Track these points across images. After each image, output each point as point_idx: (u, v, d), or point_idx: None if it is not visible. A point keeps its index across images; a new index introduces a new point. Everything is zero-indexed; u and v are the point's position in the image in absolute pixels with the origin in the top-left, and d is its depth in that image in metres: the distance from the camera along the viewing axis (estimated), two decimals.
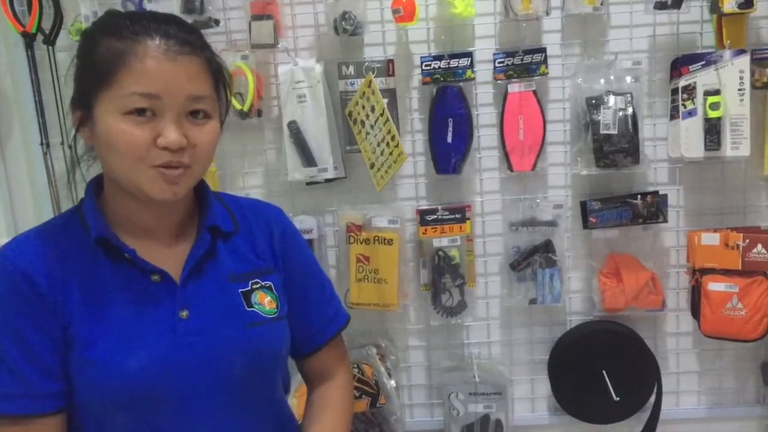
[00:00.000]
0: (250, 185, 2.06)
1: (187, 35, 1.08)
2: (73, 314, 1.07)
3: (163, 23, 1.06)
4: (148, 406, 1.07)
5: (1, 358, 1.04)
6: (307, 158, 1.95)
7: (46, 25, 1.95)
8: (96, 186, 1.17)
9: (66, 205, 2.00)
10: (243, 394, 1.15)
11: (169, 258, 1.14)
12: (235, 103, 1.91)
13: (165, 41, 1.04)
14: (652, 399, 2.03)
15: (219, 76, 1.14)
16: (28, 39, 1.95)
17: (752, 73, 1.86)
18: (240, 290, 1.18)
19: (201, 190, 1.23)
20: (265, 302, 1.19)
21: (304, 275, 1.31)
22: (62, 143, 1.98)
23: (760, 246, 1.84)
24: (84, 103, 1.08)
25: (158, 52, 1.03)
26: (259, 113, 1.96)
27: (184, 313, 1.11)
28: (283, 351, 1.23)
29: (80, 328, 1.07)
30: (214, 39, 1.97)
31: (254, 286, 1.20)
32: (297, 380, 1.45)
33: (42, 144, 2.00)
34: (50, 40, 1.95)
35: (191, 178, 1.10)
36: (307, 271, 1.33)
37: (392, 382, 2.02)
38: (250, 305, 1.17)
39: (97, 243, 1.10)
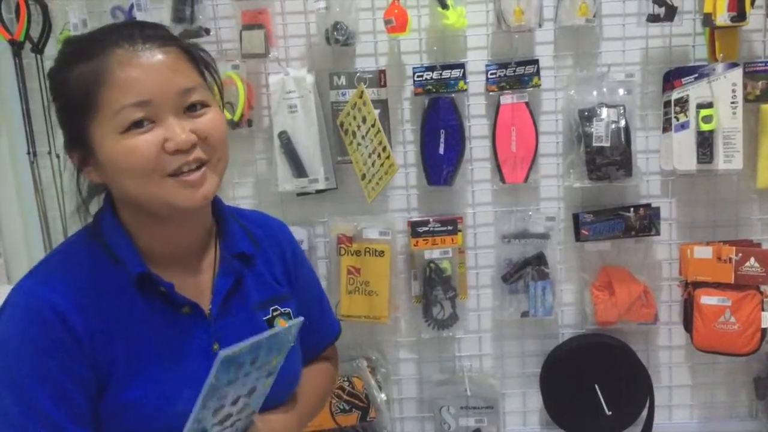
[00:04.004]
0: (240, 196, 2.04)
1: (153, 30, 1.02)
2: (110, 355, 1.01)
3: (123, 28, 1.01)
4: None
5: (32, 405, 0.96)
6: (298, 169, 1.93)
7: (35, 33, 1.92)
8: (113, 209, 1.09)
9: (53, 216, 1.99)
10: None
11: (195, 286, 1.10)
12: (226, 113, 1.89)
13: (132, 44, 0.98)
14: (645, 413, 2.01)
15: (202, 63, 1.08)
16: (16, 47, 1.93)
17: (745, 86, 1.86)
18: (264, 318, 1.15)
19: (216, 204, 1.17)
20: None
21: (308, 291, 1.29)
22: (49, 152, 1.95)
23: (753, 260, 1.83)
24: (79, 141, 1.02)
25: (131, 56, 0.97)
26: (250, 123, 1.95)
27: (216, 347, 1.07)
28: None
29: (117, 369, 1.01)
30: (205, 48, 1.95)
31: (275, 314, 1.17)
32: None
33: (29, 153, 1.97)
34: (38, 49, 1.93)
35: (214, 172, 1.03)
36: (312, 288, 1.32)
37: (383, 396, 2.01)
38: None
39: (139, 279, 1.03)
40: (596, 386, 1.98)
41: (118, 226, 1.07)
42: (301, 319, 1.03)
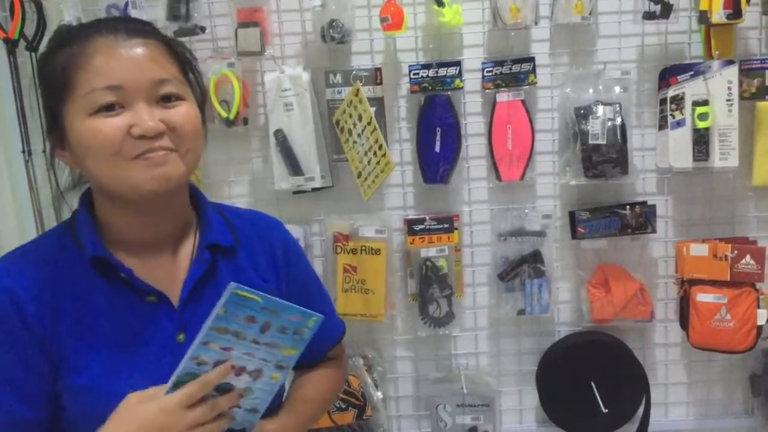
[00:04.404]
0: (236, 194, 2.04)
1: (137, 25, 1.06)
2: (63, 341, 1.02)
3: (110, 21, 1.05)
4: None
5: None
6: (294, 167, 1.93)
7: (29, 31, 1.91)
8: (87, 202, 1.12)
9: (48, 214, 1.98)
10: None
11: (167, 277, 1.10)
12: (221, 111, 1.89)
13: (114, 34, 1.02)
14: (641, 410, 2.01)
15: (184, 61, 1.10)
16: (11, 45, 1.92)
17: (740, 84, 1.86)
18: None
19: (197, 199, 1.18)
20: None
21: (306, 291, 1.27)
22: (44, 151, 1.94)
23: (748, 257, 1.83)
24: (54, 122, 1.05)
25: (111, 43, 1.01)
26: (245, 121, 1.94)
27: (181, 337, 1.07)
28: None
29: (69, 354, 1.02)
30: (200, 46, 1.96)
31: None
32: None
33: (23, 152, 1.96)
34: (33, 47, 1.92)
35: (180, 162, 1.03)
36: (309, 285, 1.31)
37: (379, 394, 2.00)
38: None
39: (93, 263, 1.05)
40: (592, 384, 1.98)
41: (89, 216, 1.09)
42: (322, 316, 1.03)
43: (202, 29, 1.90)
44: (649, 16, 1.84)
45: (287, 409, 1.19)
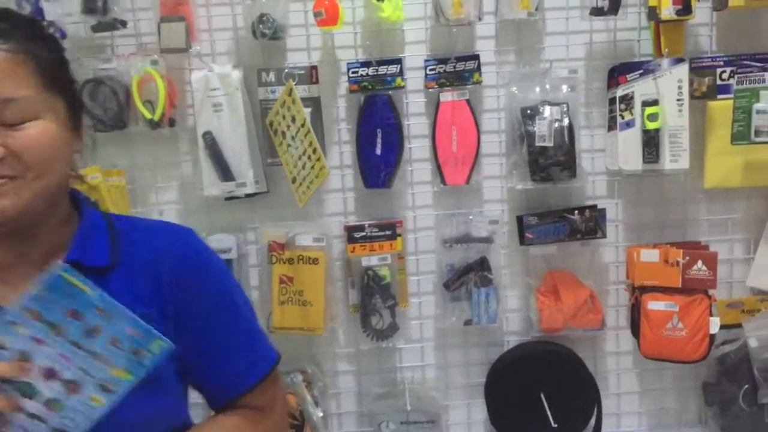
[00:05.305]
0: (164, 200, 1.91)
1: None
2: None
3: None
4: None
5: None
6: (224, 172, 1.81)
7: None
8: None
9: None
10: None
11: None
12: (145, 112, 1.76)
13: None
14: (593, 421, 1.94)
15: (49, 71, 0.96)
16: None
17: (691, 83, 1.80)
18: None
19: (80, 210, 1.05)
20: None
21: (208, 318, 1.09)
22: None
23: (700, 263, 1.77)
24: None
25: None
26: (172, 123, 1.81)
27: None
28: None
29: None
30: (122, 42, 1.83)
31: None
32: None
33: None
34: None
35: (26, 189, 0.92)
36: (214, 311, 1.10)
37: (319, 412, 1.89)
38: None
39: None
40: (542, 396, 1.90)
41: None
42: (170, 343, 0.91)
43: (123, 24, 1.77)
44: (597, 12, 1.77)
45: None
